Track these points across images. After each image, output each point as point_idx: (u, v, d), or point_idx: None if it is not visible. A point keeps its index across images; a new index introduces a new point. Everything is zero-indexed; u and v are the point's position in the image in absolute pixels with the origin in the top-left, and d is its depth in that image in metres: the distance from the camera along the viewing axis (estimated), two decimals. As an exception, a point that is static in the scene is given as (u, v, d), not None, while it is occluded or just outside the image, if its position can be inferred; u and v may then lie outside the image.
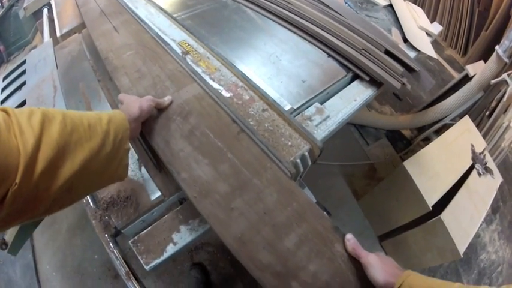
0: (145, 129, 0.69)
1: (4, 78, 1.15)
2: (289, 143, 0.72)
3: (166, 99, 0.74)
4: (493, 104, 1.85)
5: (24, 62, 1.16)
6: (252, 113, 0.78)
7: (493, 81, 1.70)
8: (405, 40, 1.22)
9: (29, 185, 0.38)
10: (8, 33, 2.98)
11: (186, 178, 0.62)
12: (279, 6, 1.09)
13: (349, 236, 0.58)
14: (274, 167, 0.64)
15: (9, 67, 1.39)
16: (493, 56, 1.68)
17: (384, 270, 0.52)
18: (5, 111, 0.41)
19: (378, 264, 0.53)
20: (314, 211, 0.59)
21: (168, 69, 0.83)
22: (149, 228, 0.70)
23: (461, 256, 1.23)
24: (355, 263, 0.56)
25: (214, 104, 0.74)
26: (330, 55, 0.98)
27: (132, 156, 0.78)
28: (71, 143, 0.44)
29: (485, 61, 1.75)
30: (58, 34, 1.27)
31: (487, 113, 1.86)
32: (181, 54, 0.92)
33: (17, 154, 0.37)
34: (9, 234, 0.91)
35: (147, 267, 0.66)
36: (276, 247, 0.55)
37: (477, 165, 1.50)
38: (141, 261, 0.66)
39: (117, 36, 0.96)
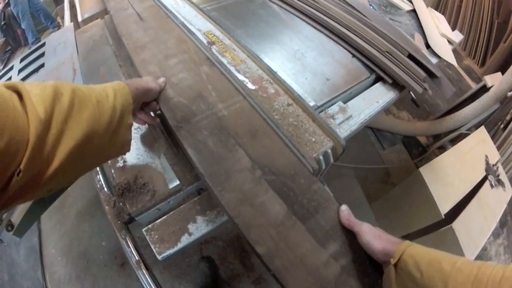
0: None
1: (22, 60, 1.13)
2: (313, 139, 0.72)
3: (161, 81, 0.78)
4: (508, 117, 1.83)
5: (43, 45, 1.14)
6: (277, 106, 0.78)
7: (509, 94, 1.68)
8: (427, 46, 1.21)
9: (34, 167, 0.37)
10: (27, 17, 2.99)
11: (145, 58, 0.87)
12: (305, 4, 1.09)
13: (343, 207, 0.59)
14: (191, 44, 0.90)
15: (27, 51, 1.39)
16: (511, 69, 1.66)
17: (380, 238, 0.51)
18: (17, 91, 0.39)
19: (372, 232, 0.53)
20: (200, 55, 0.86)
21: (146, 10, 1.07)
22: (164, 217, 0.68)
23: (469, 266, 1.22)
24: (218, 79, 0.79)
25: (175, 27, 0.99)
26: (354, 55, 0.98)
27: (151, 143, 0.78)
28: (81, 121, 0.44)
29: (503, 73, 1.74)
30: (80, 19, 1.27)
31: (502, 125, 1.85)
32: (206, 44, 0.92)
33: (25, 136, 0.36)
34: (17, 216, 0.88)
35: (159, 257, 0.63)
36: (162, 64, 0.83)
37: (490, 177, 1.49)
38: (154, 251, 0.64)
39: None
